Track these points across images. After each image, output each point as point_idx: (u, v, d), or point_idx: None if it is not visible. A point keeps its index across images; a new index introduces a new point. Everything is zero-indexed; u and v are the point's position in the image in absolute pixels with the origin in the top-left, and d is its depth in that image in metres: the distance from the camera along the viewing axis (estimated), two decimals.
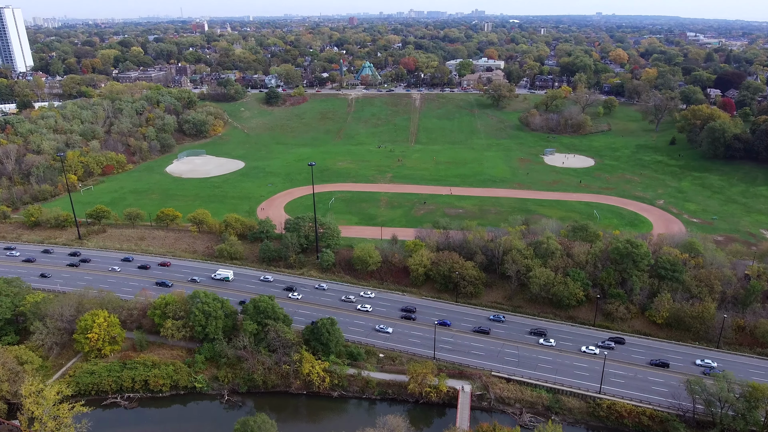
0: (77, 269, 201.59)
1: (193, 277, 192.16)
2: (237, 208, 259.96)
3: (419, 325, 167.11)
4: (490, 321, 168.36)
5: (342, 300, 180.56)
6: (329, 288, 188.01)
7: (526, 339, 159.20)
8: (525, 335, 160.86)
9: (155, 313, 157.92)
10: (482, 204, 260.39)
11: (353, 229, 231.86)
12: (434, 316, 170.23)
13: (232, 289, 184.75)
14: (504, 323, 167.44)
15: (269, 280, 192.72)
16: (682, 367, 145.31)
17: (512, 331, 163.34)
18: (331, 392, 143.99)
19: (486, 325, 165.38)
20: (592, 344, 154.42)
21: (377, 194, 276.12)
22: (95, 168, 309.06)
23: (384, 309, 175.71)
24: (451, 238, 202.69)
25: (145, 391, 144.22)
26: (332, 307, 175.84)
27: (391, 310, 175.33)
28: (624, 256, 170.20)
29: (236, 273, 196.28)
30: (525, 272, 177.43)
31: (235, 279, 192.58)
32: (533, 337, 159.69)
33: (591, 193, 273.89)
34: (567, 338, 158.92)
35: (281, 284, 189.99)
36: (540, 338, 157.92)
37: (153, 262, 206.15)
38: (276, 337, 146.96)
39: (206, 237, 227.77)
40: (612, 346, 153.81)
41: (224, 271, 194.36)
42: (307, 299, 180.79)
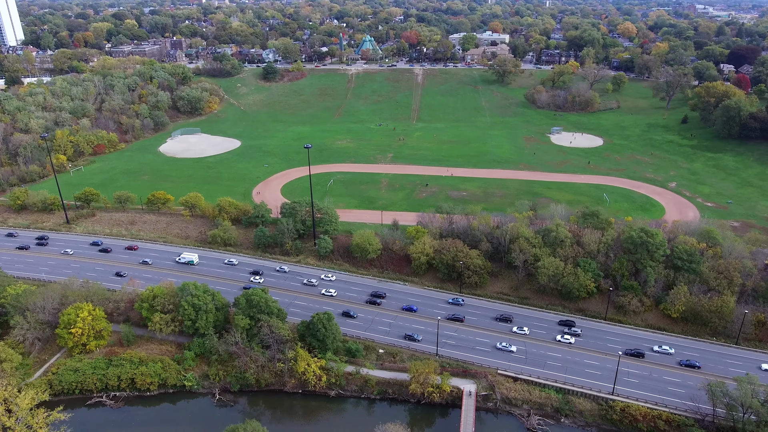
0: (26, 252, 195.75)
1: (145, 260, 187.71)
2: (232, 190, 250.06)
3: (386, 310, 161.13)
4: (452, 305, 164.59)
5: (305, 284, 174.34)
6: (290, 271, 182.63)
7: (493, 325, 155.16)
8: (491, 321, 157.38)
9: (142, 306, 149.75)
10: (487, 186, 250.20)
11: (352, 213, 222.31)
12: (403, 301, 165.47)
13: (196, 273, 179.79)
14: (463, 306, 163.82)
15: (234, 264, 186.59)
16: (657, 357, 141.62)
17: (481, 317, 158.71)
18: (328, 391, 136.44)
19: (461, 312, 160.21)
20: (559, 333, 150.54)
21: (378, 176, 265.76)
22: (86, 148, 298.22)
23: (351, 294, 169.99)
24: (455, 223, 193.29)
25: (131, 389, 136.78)
26: (295, 291, 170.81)
27: (359, 294, 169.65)
28: (638, 245, 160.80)
29: (202, 257, 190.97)
30: (533, 262, 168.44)
31: (200, 263, 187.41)
32: (502, 323, 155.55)
33: (600, 174, 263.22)
34: (536, 325, 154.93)
35: (248, 267, 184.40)
36: (509, 324, 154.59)
37: (121, 246, 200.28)
38: (269, 333, 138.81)
39: (199, 221, 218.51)
40: (578, 332, 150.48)
41: (189, 254, 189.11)
42: (268, 283, 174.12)
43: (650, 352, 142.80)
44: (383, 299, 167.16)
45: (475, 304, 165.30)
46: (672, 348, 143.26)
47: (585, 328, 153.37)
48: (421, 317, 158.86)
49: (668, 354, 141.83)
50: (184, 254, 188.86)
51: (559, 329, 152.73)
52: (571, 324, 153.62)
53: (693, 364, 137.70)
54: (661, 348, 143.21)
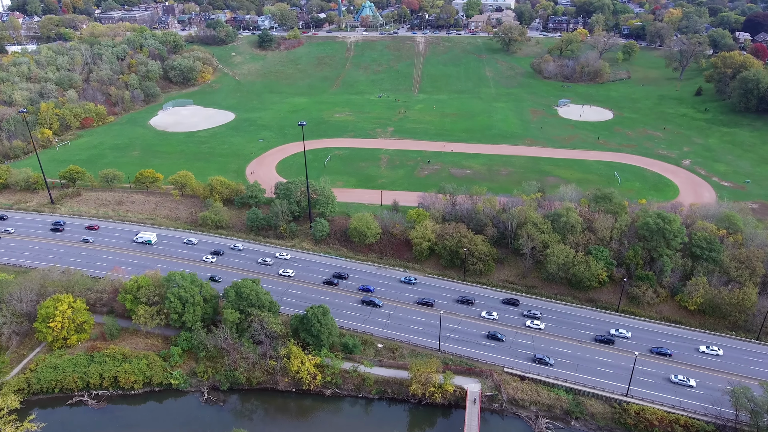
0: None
1: (86, 237, 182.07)
2: (224, 167, 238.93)
3: (343, 291, 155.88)
4: (405, 284, 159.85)
5: (259, 263, 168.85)
6: (245, 248, 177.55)
7: (457, 308, 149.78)
8: (453, 303, 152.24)
9: (126, 298, 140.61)
10: (491, 163, 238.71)
11: (350, 193, 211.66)
12: (365, 282, 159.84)
13: (153, 253, 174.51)
14: (416, 284, 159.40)
15: (193, 243, 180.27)
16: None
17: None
18: (324, 390, 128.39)
19: (431, 296, 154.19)
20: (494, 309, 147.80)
21: (377, 151, 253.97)
22: (72, 121, 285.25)
23: (309, 274, 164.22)
24: (458, 205, 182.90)
25: (115, 388, 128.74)
26: (249, 271, 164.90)
27: (317, 275, 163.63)
28: (654, 232, 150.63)
29: (161, 236, 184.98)
30: (541, 249, 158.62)
31: (159, 242, 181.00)
32: (462, 305, 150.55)
33: (610, 151, 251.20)
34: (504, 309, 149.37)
35: (208, 247, 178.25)
36: (469, 306, 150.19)
37: (81, 225, 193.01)
38: (260, 329, 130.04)
39: (189, 202, 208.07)
40: (538, 315, 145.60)
41: (146, 233, 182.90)
42: (222, 262, 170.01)
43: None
44: (344, 280, 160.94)
45: (428, 283, 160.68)
46: (629, 332, 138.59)
47: (595, 320, 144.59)
48: (378, 297, 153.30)
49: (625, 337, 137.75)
50: (142, 233, 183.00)
51: (517, 311, 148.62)
52: (516, 302, 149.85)
53: (664, 352, 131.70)
54: (618, 331, 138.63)
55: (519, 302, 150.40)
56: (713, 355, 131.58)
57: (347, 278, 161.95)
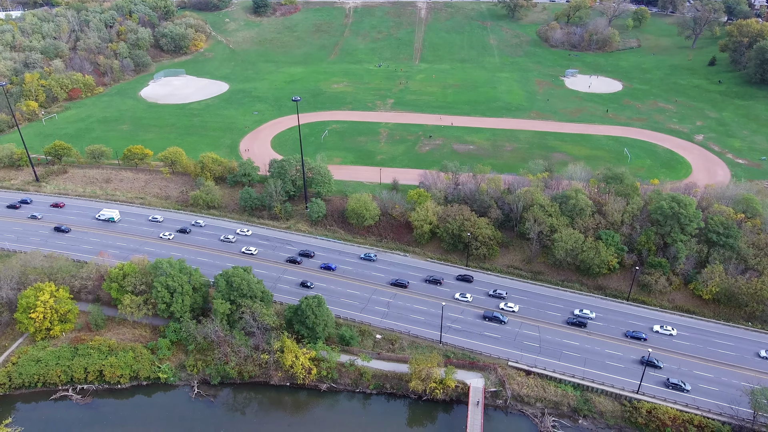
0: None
1: (34, 214, 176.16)
2: (217, 142, 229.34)
3: (305, 269, 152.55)
4: (365, 260, 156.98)
5: (222, 240, 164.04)
6: (207, 225, 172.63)
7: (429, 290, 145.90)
8: (421, 283, 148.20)
9: (111, 287, 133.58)
10: (496, 138, 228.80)
11: (348, 170, 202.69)
12: (327, 259, 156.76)
13: (115, 231, 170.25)
14: (376, 261, 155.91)
15: (159, 221, 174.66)
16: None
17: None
18: (319, 385, 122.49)
19: (404, 278, 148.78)
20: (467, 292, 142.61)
21: (376, 125, 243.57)
22: (59, 92, 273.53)
23: (273, 252, 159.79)
24: (461, 185, 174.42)
25: (100, 382, 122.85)
26: (209, 248, 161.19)
27: (282, 252, 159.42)
28: (668, 217, 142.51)
29: (125, 213, 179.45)
30: (548, 233, 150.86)
31: (122, 219, 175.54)
32: (432, 285, 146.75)
33: (619, 125, 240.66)
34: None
35: (173, 225, 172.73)
36: (437, 285, 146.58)
37: (47, 203, 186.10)
38: (252, 321, 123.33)
39: (180, 180, 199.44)
40: (503, 295, 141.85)
41: (109, 211, 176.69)
42: (184, 240, 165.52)
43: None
44: (310, 258, 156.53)
45: (388, 260, 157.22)
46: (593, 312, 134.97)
47: (604, 309, 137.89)
48: (340, 276, 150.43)
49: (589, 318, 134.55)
50: (104, 211, 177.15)
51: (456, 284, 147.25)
52: (469, 279, 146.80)
53: (638, 336, 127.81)
54: (581, 312, 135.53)
55: (473, 279, 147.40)
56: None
57: (313, 256, 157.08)
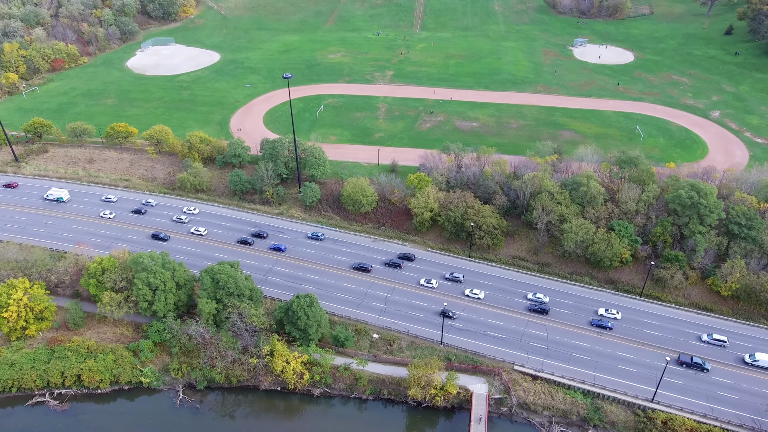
0: None
1: None
2: (207, 118, 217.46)
3: (254, 251, 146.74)
4: (312, 239, 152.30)
5: (174, 221, 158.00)
6: (158, 204, 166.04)
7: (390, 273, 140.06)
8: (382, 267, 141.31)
9: (89, 283, 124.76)
10: (501, 114, 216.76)
11: (345, 149, 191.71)
12: (280, 240, 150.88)
13: (64, 212, 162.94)
14: (324, 241, 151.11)
15: (112, 201, 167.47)
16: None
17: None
18: (312, 390, 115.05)
19: (366, 261, 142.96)
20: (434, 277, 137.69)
21: (375, 99, 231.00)
22: (41, 63, 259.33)
23: (224, 232, 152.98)
24: (465, 168, 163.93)
25: (79, 387, 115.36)
26: (163, 230, 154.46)
27: (235, 233, 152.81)
28: (687, 207, 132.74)
29: (76, 193, 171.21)
30: (557, 223, 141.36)
31: (72, 200, 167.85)
32: (390, 268, 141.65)
33: (631, 99, 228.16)
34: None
35: (128, 205, 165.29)
36: (408, 261, 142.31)
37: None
38: (240, 322, 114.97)
39: (167, 160, 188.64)
40: (460, 278, 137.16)
41: (57, 191, 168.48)
42: (125, 219, 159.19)
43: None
44: (263, 239, 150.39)
45: (335, 237, 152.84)
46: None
47: (617, 307, 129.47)
48: (289, 258, 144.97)
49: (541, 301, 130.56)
50: (53, 191, 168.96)
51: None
52: (411, 258, 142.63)
53: (604, 324, 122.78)
54: (535, 296, 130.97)
55: (414, 257, 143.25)
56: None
57: (266, 237, 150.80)
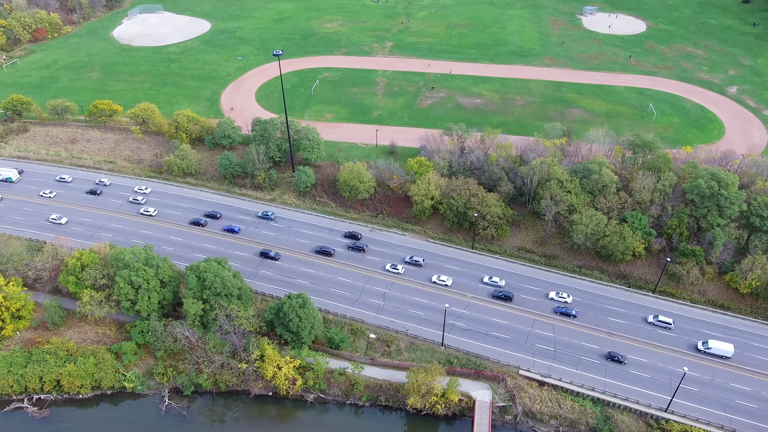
0: None
1: None
2: (196, 93, 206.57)
3: (208, 233, 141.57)
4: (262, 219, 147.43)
5: (130, 202, 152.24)
6: (112, 183, 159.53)
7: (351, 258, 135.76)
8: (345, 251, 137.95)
9: (68, 280, 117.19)
10: (506, 89, 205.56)
11: (341, 129, 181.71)
12: (234, 221, 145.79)
13: (13, 192, 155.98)
14: (275, 220, 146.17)
15: (67, 181, 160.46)
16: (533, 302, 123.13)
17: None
18: (305, 395, 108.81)
19: (329, 245, 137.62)
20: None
21: (373, 74, 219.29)
22: (22, 34, 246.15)
23: (175, 212, 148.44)
24: (468, 152, 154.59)
25: (59, 392, 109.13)
26: (109, 210, 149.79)
27: (187, 213, 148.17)
28: (706, 198, 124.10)
29: (29, 172, 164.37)
30: (566, 213, 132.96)
31: (23, 179, 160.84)
32: (347, 240, 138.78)
33: (643, 74, 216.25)
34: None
35: (84, 186, 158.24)
36: (354, 241, 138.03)
37: None
38: (228, 323, 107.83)
39: (154, 141, 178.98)
40: (420, 262, 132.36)
41: (5, 170, 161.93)
42: (78, 200, 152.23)
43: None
44: (216, 219, 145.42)
45: (287, 217, 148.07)
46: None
47: (629, 304, 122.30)
48: (244, 239, 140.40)
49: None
50: (0, 170, 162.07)
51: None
52: (357, 236, 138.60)
53: (568, 312, 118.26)
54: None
55: (360, 236, 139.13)
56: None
57: (219, 218, 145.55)
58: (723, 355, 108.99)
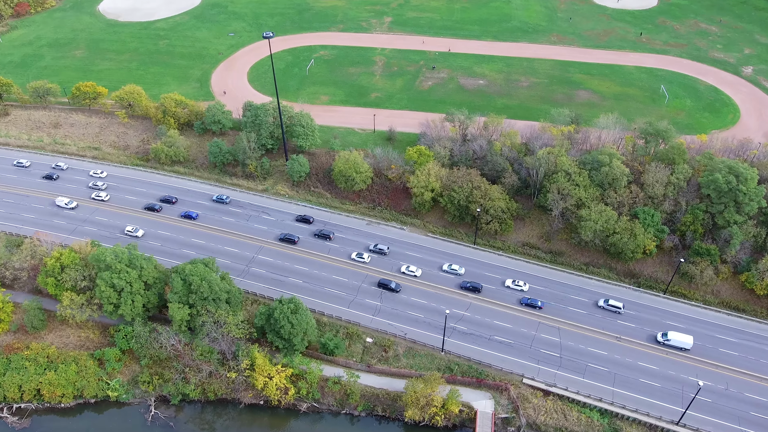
0: None
1: None
2: (186, 74, 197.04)
3: (164, 219, 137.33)
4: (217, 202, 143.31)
5: (90, 187, 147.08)
6: (69, 167, 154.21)
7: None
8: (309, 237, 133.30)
9: (47, 282, 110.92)
10: (510, 69, 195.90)
11: (337, 113, 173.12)
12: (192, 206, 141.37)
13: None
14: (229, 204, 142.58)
15: (25, 166, 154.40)
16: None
17: None
18: (299, 404, 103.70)
19: (293, 233, 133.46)
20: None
21: (371, 52, 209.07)
22: (3, 8, 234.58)
23: (131, 197, 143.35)
24: (471, 139, 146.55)
25: (39, 401, 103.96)
26: (68, 195, 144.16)
27: (142, 198, 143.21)
28: (723, 193, 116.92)
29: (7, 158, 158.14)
30: (574, 208, 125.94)
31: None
32: (299, 224, 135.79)
33: (654, 52, 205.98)
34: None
35: (41, 171, 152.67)
36: (306, 224, 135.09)
37: None
38: (215, 330, 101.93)
39: (141, 125, 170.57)
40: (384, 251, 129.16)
41: None
42: (34, 185, 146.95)
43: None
44: (171, 204, 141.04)
45: (240, 199, 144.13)
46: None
47: (636, 305, 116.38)
48: (202, 225, 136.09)
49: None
50: None
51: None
52: (308, 220, 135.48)
53: (534, 303, 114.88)
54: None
55: (313, 220, 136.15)
56: None
57: (175, 203, 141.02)
58: (682, 347, 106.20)
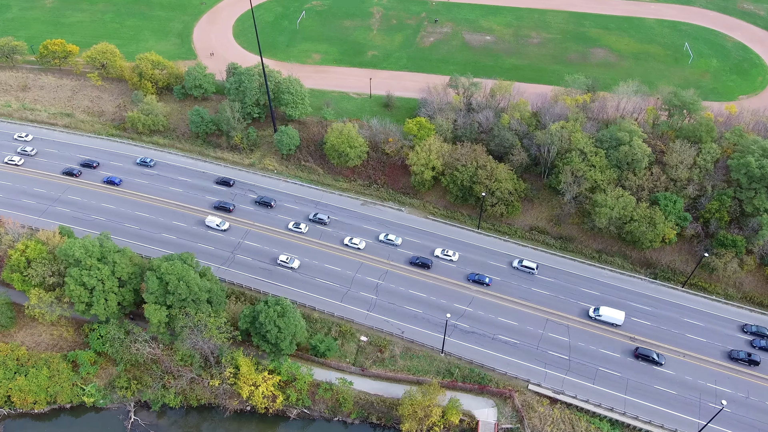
0: None
1: None
2: (165, 27, 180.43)
3: (83, 184, 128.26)
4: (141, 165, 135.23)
5: (19, 153, 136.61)
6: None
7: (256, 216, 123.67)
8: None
9: (12, 278, 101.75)
10: (520, 23, 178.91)
11: (330, 74, 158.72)
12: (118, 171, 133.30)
13: None
14: (154, 167, 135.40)
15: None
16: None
17: None
18: (288, 411, 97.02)
19: (228, 202, 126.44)
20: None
21: (368, 2, 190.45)
22: None
23: (49, 161, 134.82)
24: (476, 109, 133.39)
25: (10, 407, 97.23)
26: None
27: (66, 162, 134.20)
28: (755, 179, 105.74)
29: None
30: (588, 191, 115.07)
31: None
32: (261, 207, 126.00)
33: (677, 2, 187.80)
34: None
35: None
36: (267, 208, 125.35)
37: None
38: (196, 334, 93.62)
39: (117, 88, 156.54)
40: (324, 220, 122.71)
41: None
42: None
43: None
44: (92, 169, 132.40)
45: (167, 162, 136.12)
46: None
47: (656, 300, 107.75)
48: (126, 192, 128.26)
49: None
50: None
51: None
52: (229, 183, 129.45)
53: (482, 279, 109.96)
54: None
55: (233, 182, 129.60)
56: None
57: (96, 167, 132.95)
58: (613, 323, 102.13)
